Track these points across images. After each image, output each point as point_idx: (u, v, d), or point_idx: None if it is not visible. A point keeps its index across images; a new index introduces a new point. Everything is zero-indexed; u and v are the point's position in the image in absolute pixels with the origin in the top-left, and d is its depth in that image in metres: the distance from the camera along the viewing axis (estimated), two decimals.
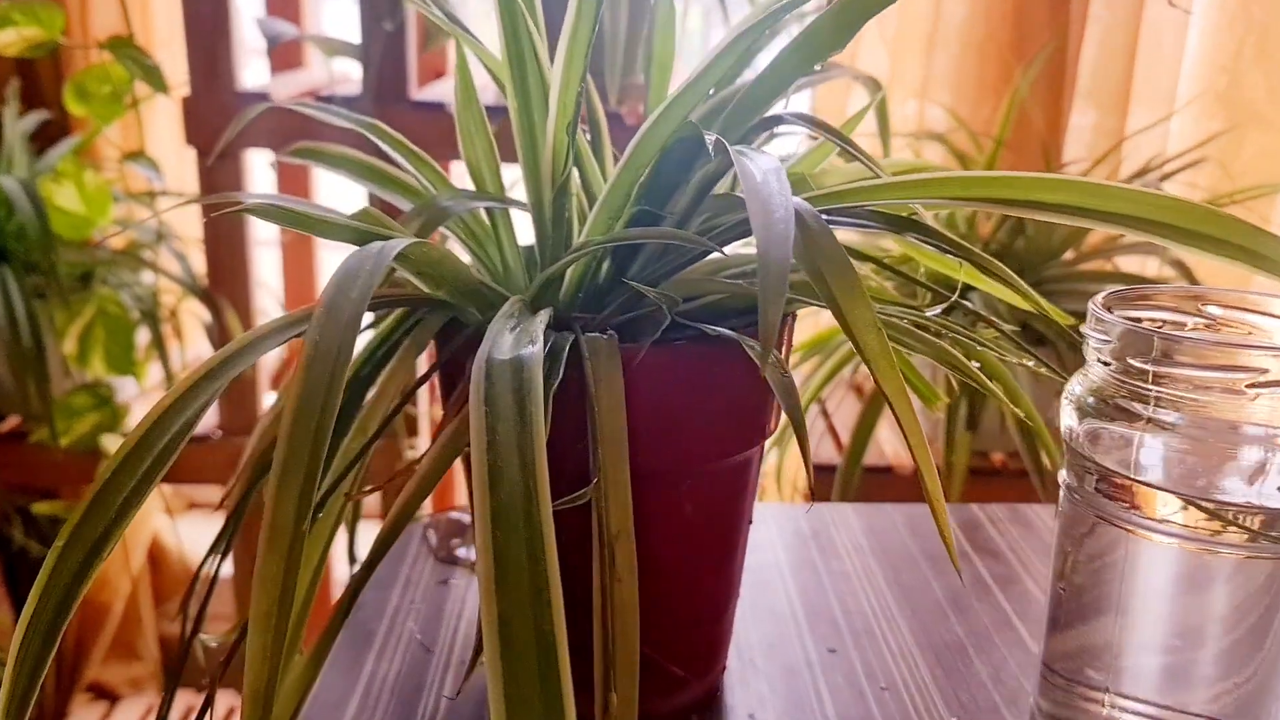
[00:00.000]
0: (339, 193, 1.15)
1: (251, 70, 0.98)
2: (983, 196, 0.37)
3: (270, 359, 1.20)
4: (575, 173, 0.42)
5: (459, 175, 1.14)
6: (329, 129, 0.88)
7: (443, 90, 0.99)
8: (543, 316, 0.34)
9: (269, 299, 1.04)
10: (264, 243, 1.06)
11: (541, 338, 0.32)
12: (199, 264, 1.01)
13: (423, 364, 0.41)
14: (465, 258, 0.46)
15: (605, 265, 0.41)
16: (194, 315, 1.03)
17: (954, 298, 0.45)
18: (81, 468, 0.93)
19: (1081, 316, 0.99)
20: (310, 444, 0.30)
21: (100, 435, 0.93)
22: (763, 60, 0.41)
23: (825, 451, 1.03)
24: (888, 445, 1.05)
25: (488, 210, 0.44)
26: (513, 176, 0.50)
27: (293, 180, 1.18)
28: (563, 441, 0.33)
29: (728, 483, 0.43)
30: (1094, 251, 1.02)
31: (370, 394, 0.40)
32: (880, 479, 0.99)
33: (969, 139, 1.07)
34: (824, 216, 0.38)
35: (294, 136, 0.95)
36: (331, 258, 1.22)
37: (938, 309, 0.45)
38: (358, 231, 0.36)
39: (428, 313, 0.40)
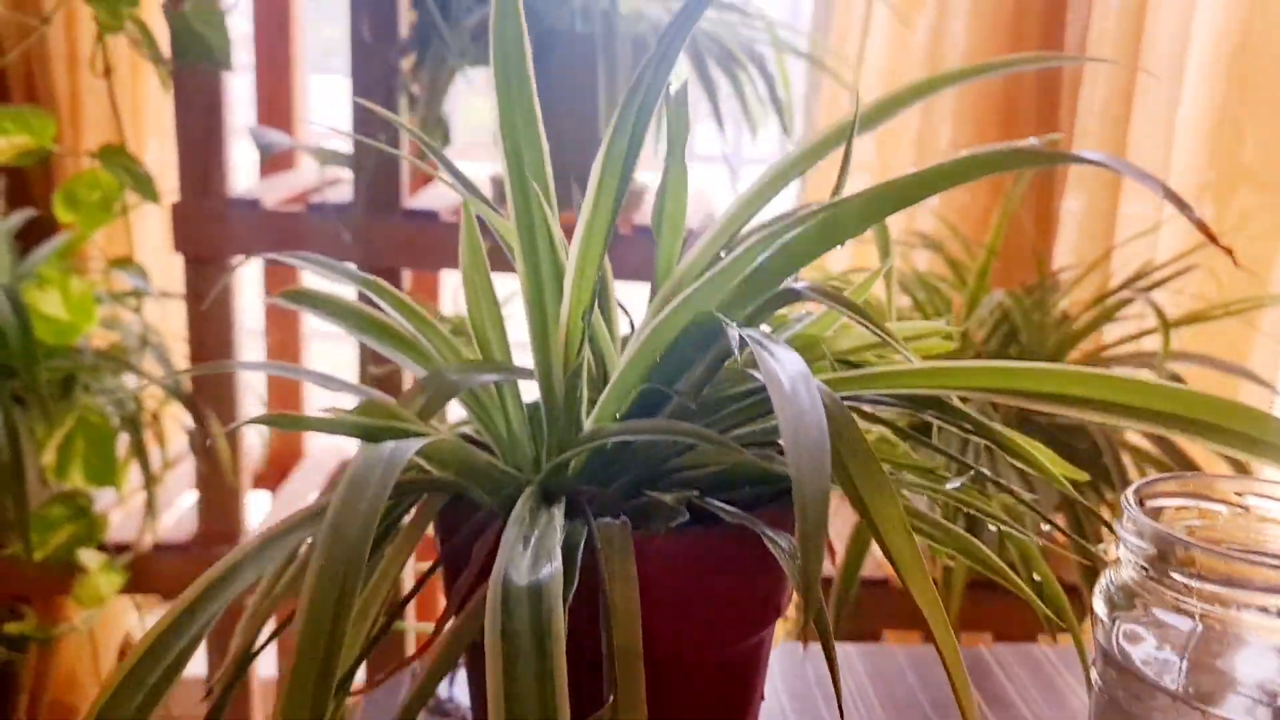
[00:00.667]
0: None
1: (241, 162, 0.97)
2: (1011, 389, 0.37)
3: (253, 453, 1.17)
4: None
5: (451, 284, 1.13)
6: (321, 235, 0.87)
7: (433, 197, 0.98)
8: (558, 520, 0.33)
9: (253, 401, 1.02)
10: (250, 332, 1.05)
11: (559, 553, 0.31)
12: (181, 364, 1.00)
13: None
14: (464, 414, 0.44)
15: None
16: (176, 419, 1.01)
17: (972, 470, 0.44)
18: (55, 580, 0.90)
19: (1076, 433, 0.97)
20: (317, 675, 0.28)
21: (76, 547, 0.90)
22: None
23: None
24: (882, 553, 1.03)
25: None
26: (509, 287, 0.48)
27: (281, 283, 1.17)
28: (574, 632, 0.32)
29: (741, 663, 0.42)
30: (1083, 362, 1.02)
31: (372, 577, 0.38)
32: (876, 592, 0.98)
33: (960, 245, 1.08)
34: (846, 401, 0.37)
35: (283, 241, 0.94)
36: (316, 361, 1.20)
37: (957, 482, 0.44)
38: (362, 427, 0.34)
39: (431, 492, 0.39)
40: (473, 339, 0.43)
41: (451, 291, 1.16)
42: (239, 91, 0.97)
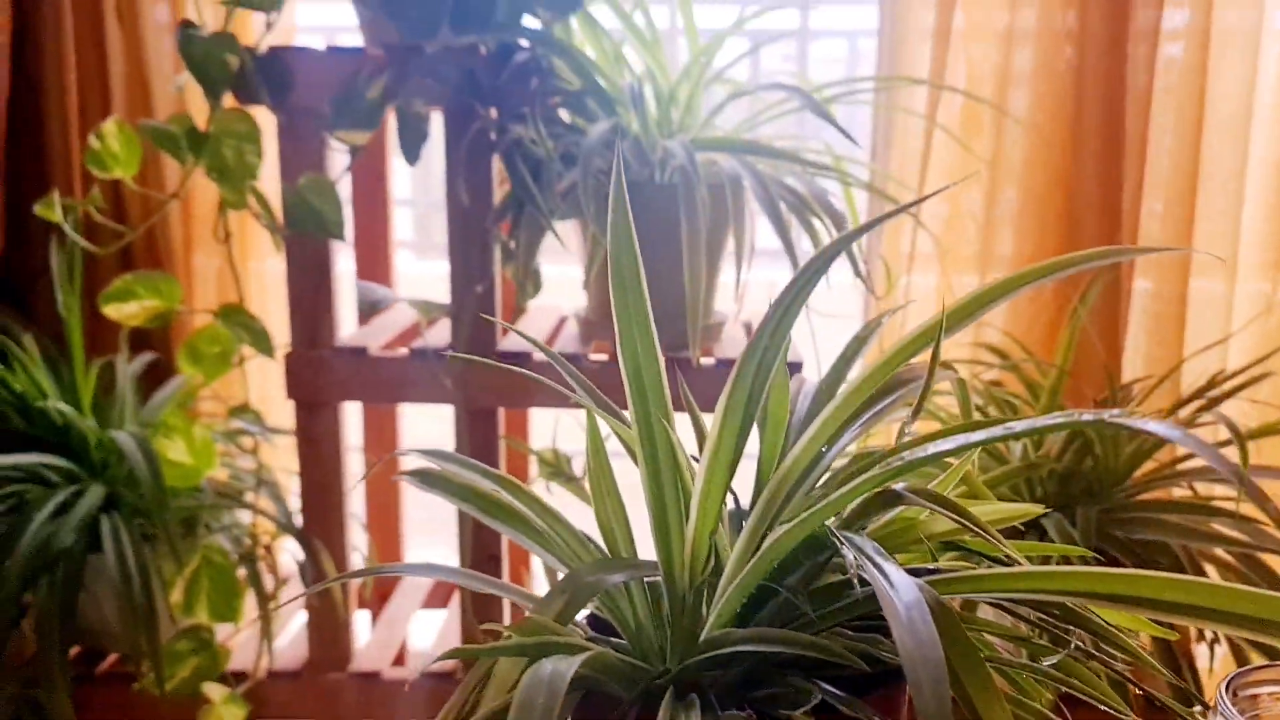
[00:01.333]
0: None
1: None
2: (1105, 592, 0.40)
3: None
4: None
5: (540, 423, 1.18)
6: (422, 379, 0.93)
7: (523, 342, 1.04)
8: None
9: (361, 534, 1.08)
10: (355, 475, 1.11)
11: None
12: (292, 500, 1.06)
13: None
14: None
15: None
16: (289, 553, 1.07)
17: (1073, 644, 0.48)
18: (184, 712, 0.96)
19: (1157, 548, 0.99)
20: None
21: (202, 680, 0.96)
22: None
23: None
24: None
25: None
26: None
27: (380, 421, 1.23)
28: None
29: None
30: (1159, 476, 1.03)
31: None
32: None
33: (1033, 364, 1.11)
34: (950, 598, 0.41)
35: (388, 384, 1.00)
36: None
37: (1054, 659, 0.47)
38: (521, 648, 0.39)
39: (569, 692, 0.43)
40: (600, 536, 0.48)
41: (539, 426, 1.22)
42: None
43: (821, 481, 0.48)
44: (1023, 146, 1.22)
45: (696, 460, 0.55)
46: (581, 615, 0.53)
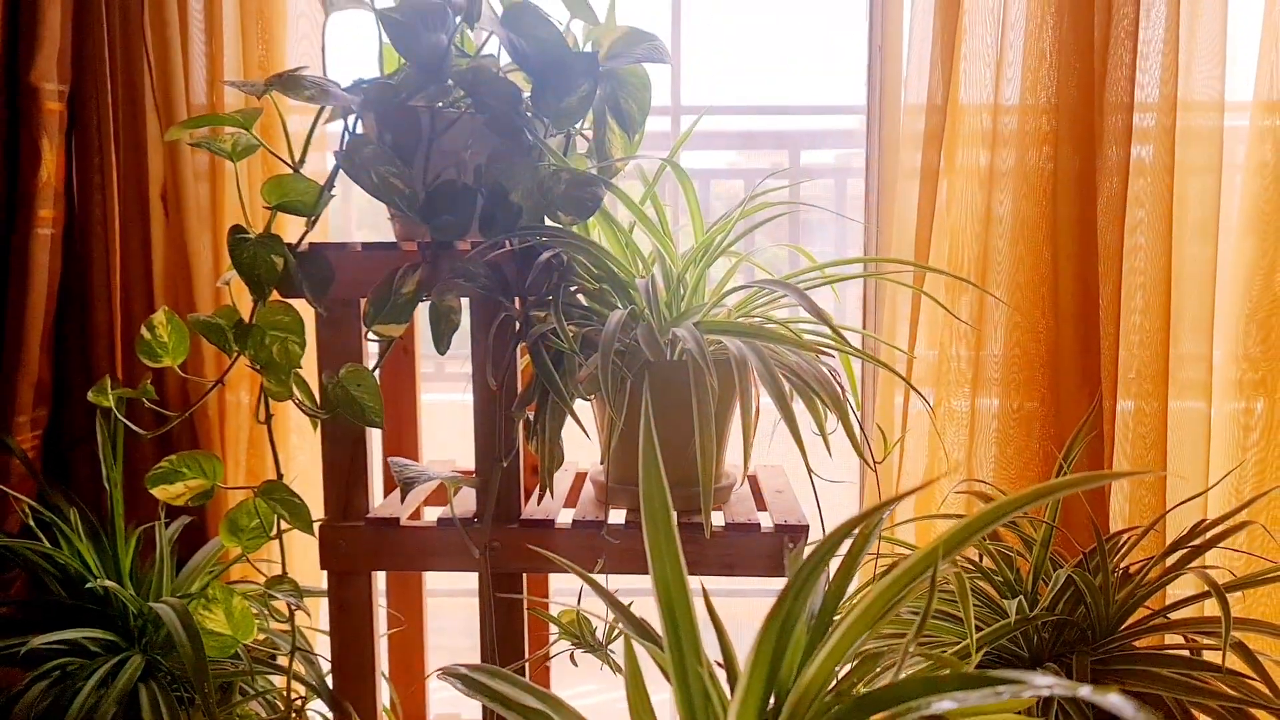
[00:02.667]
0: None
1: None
2: None
3: None
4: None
5: (563, 588, 1.24)
6: (450, 547, 0.99)
7: (545, 509, 1.11)
8: None
9: (386, 689, 1.12)
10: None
11: None
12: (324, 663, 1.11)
13: None
14: None
15: None
16: (317, 713, 1.11)
17: None
18: None
19: (1150, 700, 1.04)
20: None
21: None
22: None
23: None
24: None
25: None
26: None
27: (405, 584, 1.29)
28: None
29: None
30: (1150, 625, 1.09)
31: None
32: None
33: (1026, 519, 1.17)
34: None
35: (418, 553, 1.06)
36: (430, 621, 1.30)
37: None
38: None
39: None
40: None
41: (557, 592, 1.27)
42: None
43: (833, 686, 0.54)
44: (1005, 310, 1.30)
45: (719, 664, 0.61)
46: None
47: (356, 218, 1.68)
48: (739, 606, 1.72)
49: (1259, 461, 1.27)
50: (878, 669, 0.54)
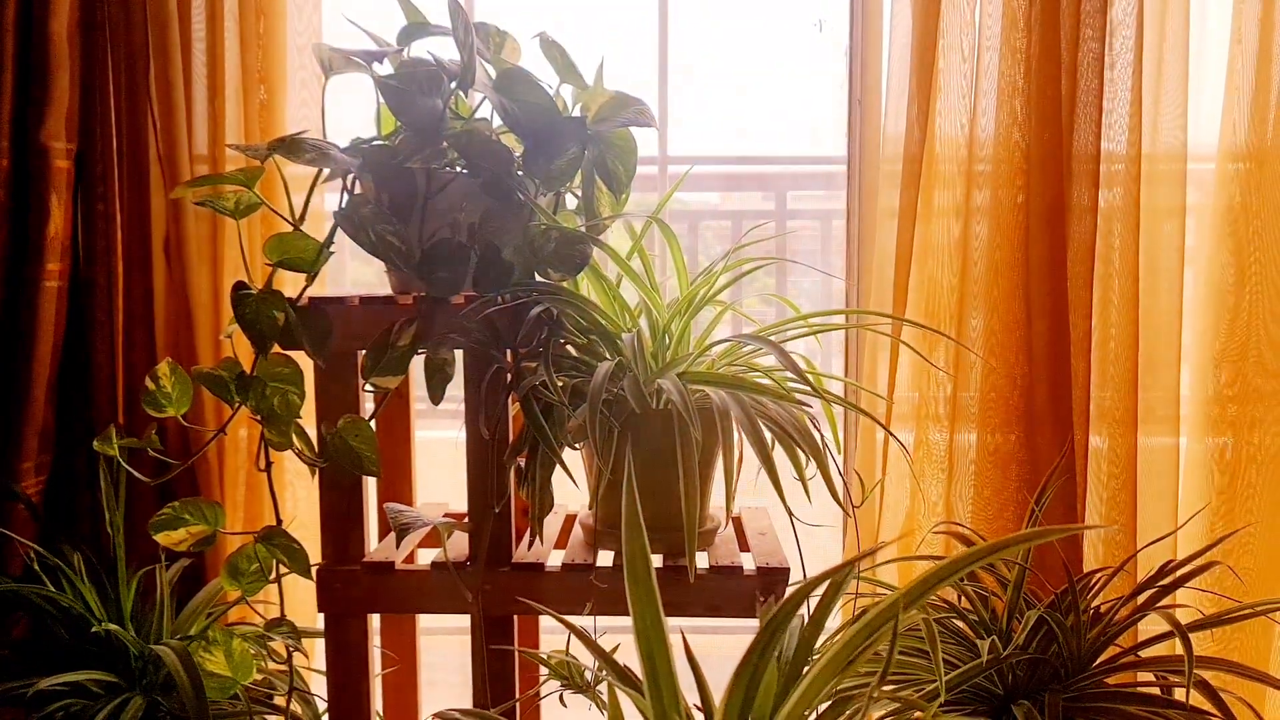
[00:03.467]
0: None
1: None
2: None
3: None
4: None
5: (555, 626, 1.27)
6: (443, 590, 1.02)
7: (535, 552, 1.14)
8: None
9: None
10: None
11: None
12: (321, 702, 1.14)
13: None
14: None
15: None
16: None
17: None
18: None
19: None
20: None
21: None
22: None
23: None
24: None
25: None
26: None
27: (398, 625, 1.32)
28: None
29: None
30: (1121, 663, 1.13)
31: None
32: None
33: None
34: None
35: (411, 595, 1.09)
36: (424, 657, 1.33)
37: None
38: None
39: None
40: None
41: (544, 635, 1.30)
42: None
43: None
44: (980, 354, 1.35)
45: (699, 708, 0.65)
46: None
47: (350, 248, 1.73)
48: (727, 642, 1.75)
49: (1227, 500, 1.32)
50: (848, 710, 0.58)
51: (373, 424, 1.04)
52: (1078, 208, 1.32)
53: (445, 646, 1.78)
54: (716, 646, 1.41)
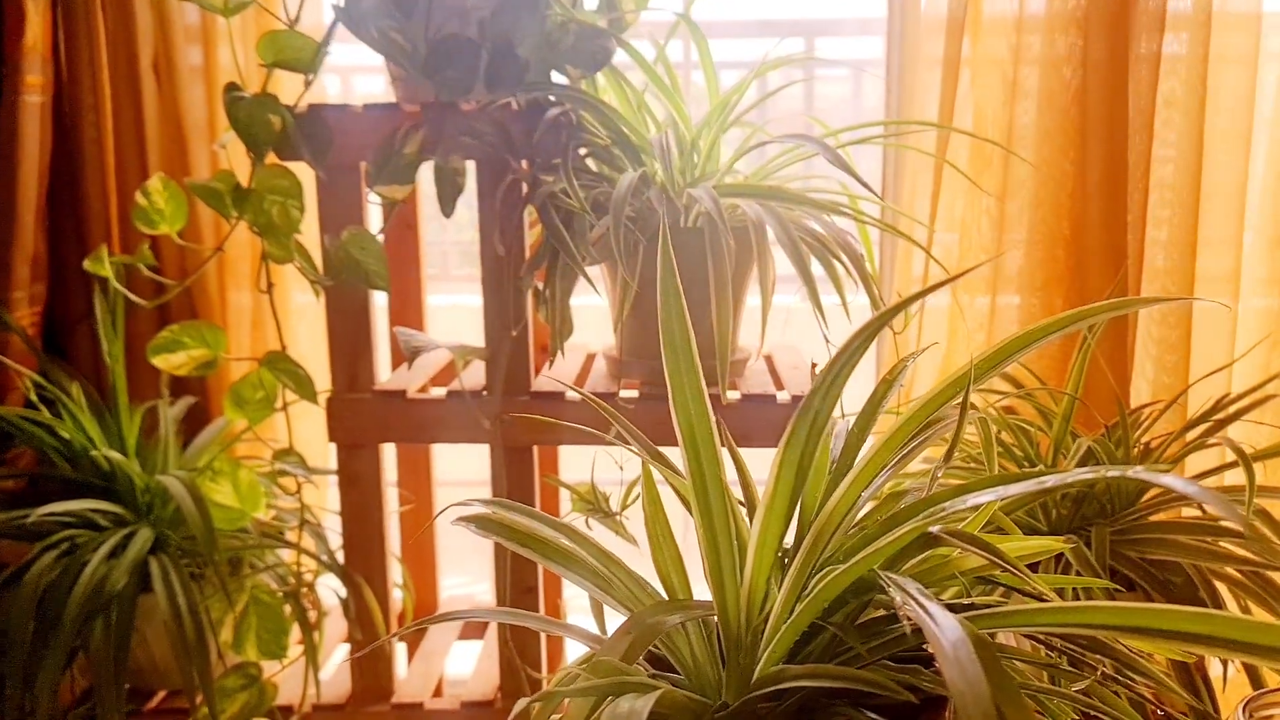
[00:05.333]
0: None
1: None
2: (1127, 625, 0.44)
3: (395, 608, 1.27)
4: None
5: (570, 460, 1.22)
6: (460, 419, 0.97)
7: (555, 375, 1.08)
8: None
9: (398, 569, 1.12)
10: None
11: None
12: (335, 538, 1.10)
13: None
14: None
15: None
16: (329, 589, 1.10)
17: (1098, 671, 0.51)
18: None
19: (1170, 568, 1.02)
20: None
21: (250, 716, 0.99)
22: None
23: None
24: None
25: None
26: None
27: (413, 456, 1.27)
28: None
29: None
30: (1169, 497, 1.07)
31: None
32: None
33: (1046, 392, 1.15)
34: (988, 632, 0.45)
35: (426, 425, 1.04)
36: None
37: (1081, 685, 0.51)
38: (595, 687, 0.43)
39: None
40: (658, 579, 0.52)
41: (568, 461, 1.26)
42: None
43: (858, 521, 0.52)
44: (1030, 176, 1.26)
45: (742, 504, 0.59)
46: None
47: (357, 66, 1.63)
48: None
49: None
50: (901, 504, 0.51)
51: (380, 238, 0.97)
52: (1139, 53, 1.21)
53: (465, 495, 1.74)
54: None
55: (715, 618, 0.50)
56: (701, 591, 0.53)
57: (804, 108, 2.09)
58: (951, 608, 0.49)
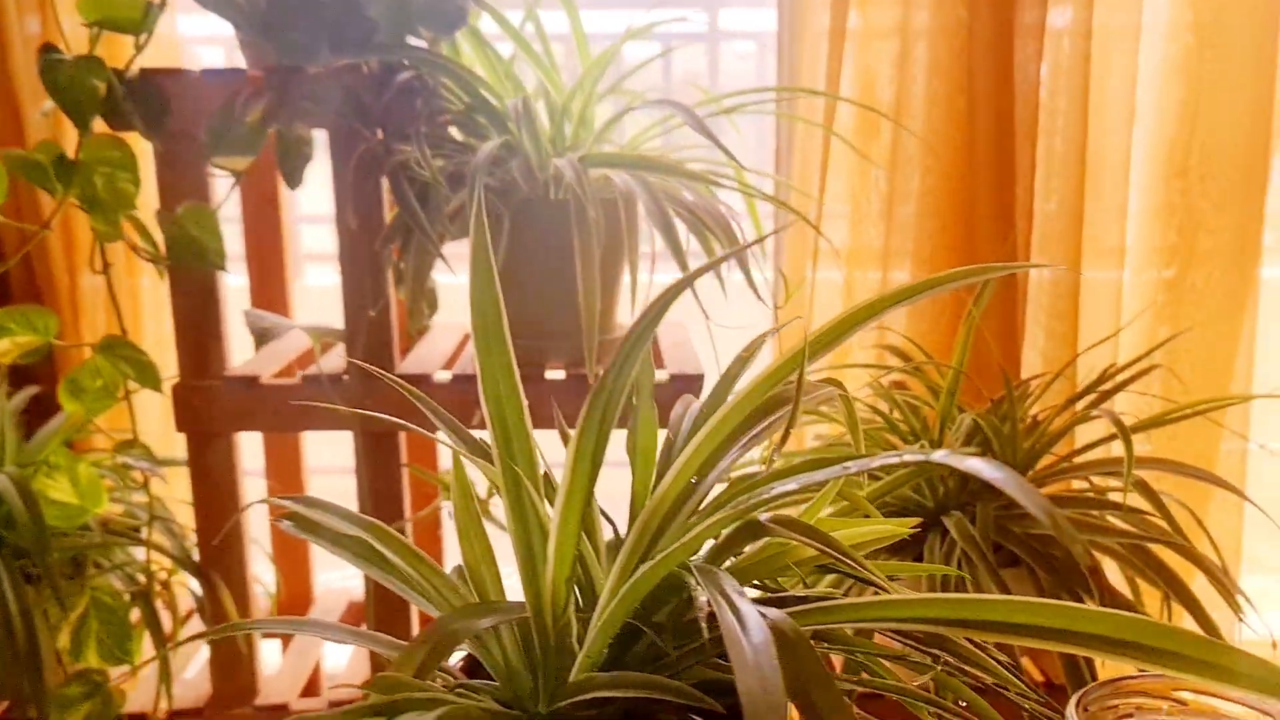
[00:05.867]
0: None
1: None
2: (957, 618, 0.40)
3: (261, 604, 1.20)
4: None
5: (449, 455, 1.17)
6: (317, 406, 0.91)
7: (419, 360, 1.03)
8: None
9: (265, 564, 1.05)
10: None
11: None
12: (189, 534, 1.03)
13: None
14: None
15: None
16: (186, 588, 1.04)
17: (940, 663, 0.48)
18: None
19: (1052, 542, 1.00)
20: None
21: None
22: None
23: None
24: None
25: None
26: None
27: (281, 449, 1.21)
28: None
29: None
30: (1056, 470, 1.06)
31: None
32: None
33: (934, 366, 1.13)
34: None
35: (282, 412, 0.98)
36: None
37: (922, 680, 0.48)
38: (371, 708, 0.38)
39: None
40: (469, 580, 0.47)
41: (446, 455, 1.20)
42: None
43: (698, 511, 0.48)
44: (919, 149, 1.24)
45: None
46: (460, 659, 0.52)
47: None
48: None
49: (1172, 302, 1.24)
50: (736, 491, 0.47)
51: (219, 213, 0.90)
52: (1028, 29, 1.19)
53: (343, 486, 1.68)
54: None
55: (531, 619, 0.46)
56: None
57: (709, 83, 2.05)
58: (780, 601, 0.45)
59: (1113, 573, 1.01)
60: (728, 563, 0.50)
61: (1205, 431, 1.23)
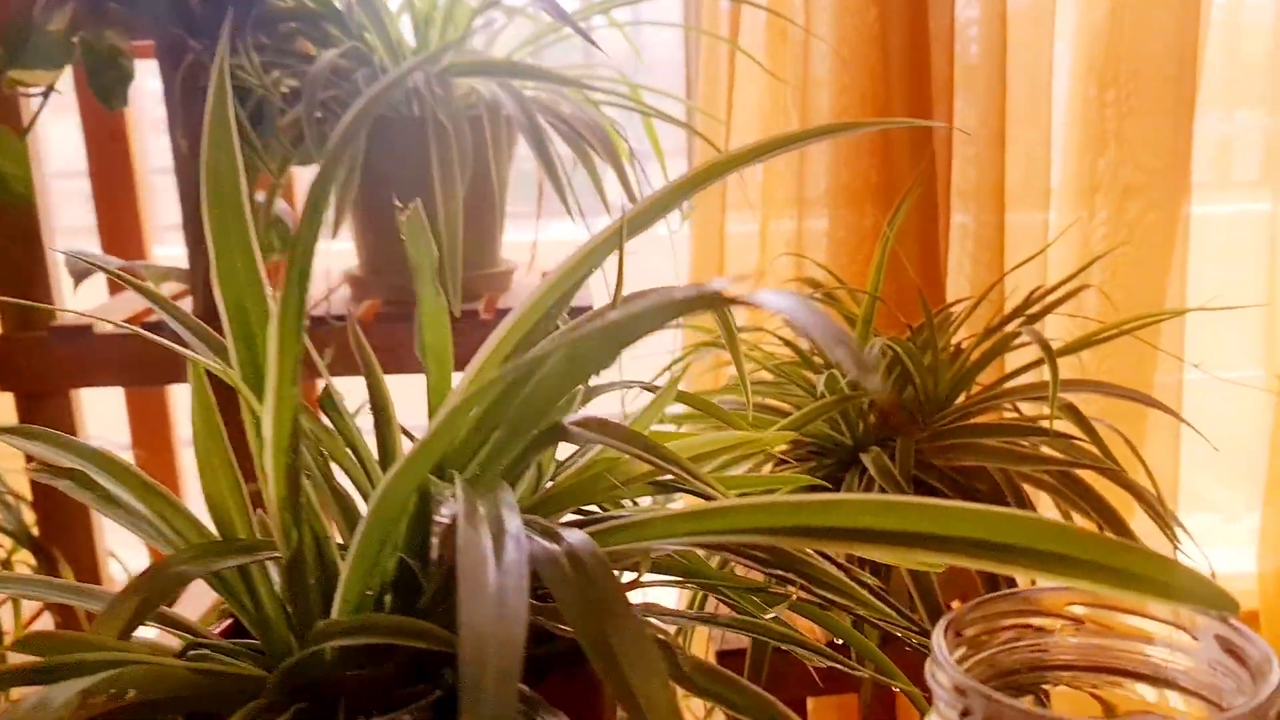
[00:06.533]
0: None
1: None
2: (795, 526, 0.32)
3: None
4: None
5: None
6: (161, 355, 0.81)
7: None
8: None
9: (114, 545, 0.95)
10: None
11: None
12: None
13: None
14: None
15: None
16: (27, 566, 0.93)
17: (792, 588, 0.40)
18: None
19: (975, 474, 0.91)
20: None
21: None
22: None
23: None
24: None
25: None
26: None
27: (146, 402, 1.10)
28: None
29: None
30: (981, 399, 0.98)
31: None
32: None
33: (847, 294, 1.05)
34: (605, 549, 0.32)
35: (123, 365, 0.87)
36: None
37: (777, 608, 0.39)
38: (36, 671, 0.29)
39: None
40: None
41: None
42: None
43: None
44: (832, 68, 1.15)
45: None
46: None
47: None
48: None
49: (1106, 221, 1.17)
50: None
51: (28, 138, 0.79)
52: None
53: None
54: None
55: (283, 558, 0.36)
56: None
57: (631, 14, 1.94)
58: (583, 524, 0.37)
59: (1047, 508, 0.94)
60: (548, 484, 0.41)
61: (1140, 358, 1.17)
